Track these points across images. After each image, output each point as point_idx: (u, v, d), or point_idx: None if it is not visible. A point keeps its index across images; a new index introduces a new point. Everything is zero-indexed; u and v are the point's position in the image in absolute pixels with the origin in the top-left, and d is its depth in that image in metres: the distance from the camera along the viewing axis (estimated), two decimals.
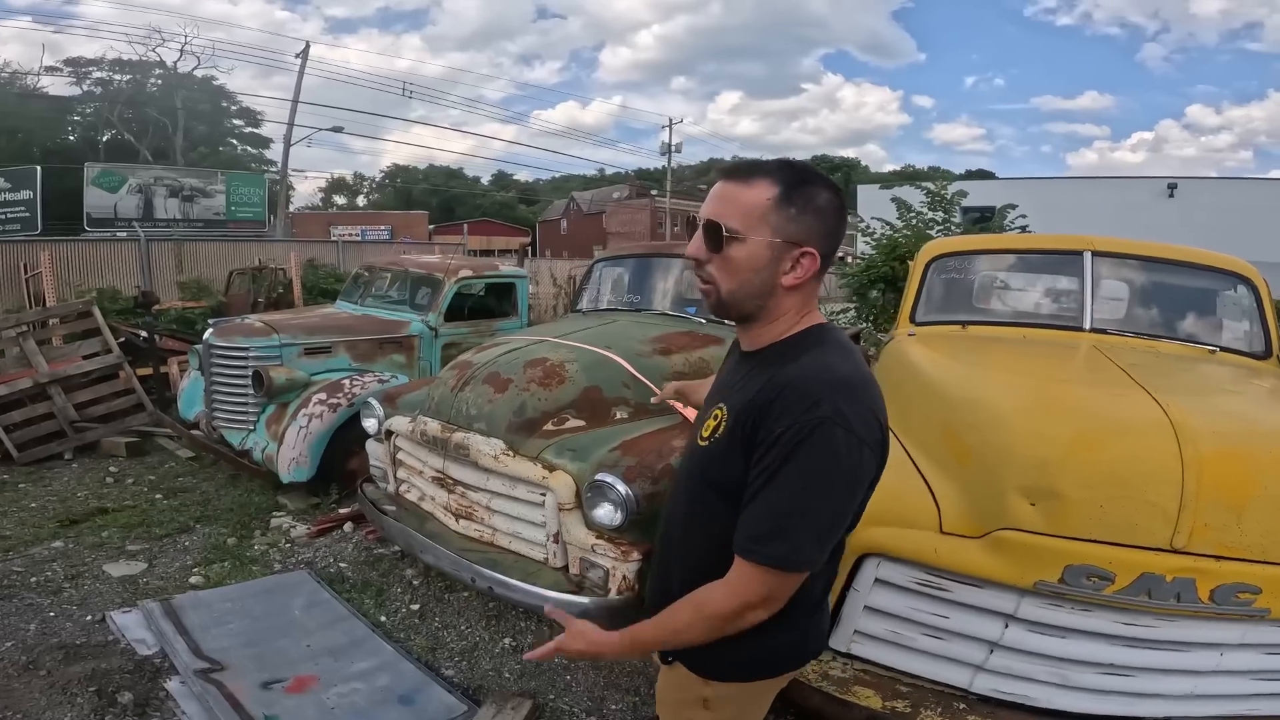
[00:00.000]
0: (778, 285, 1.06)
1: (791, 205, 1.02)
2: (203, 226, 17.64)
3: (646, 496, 2.21)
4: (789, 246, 1.03)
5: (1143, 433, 1.65)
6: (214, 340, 4.44)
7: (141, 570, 3.32)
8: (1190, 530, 1.53)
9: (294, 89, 20.61)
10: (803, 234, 1.03)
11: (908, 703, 1.72)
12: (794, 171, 1.05)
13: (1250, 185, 24.44)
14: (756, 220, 1.02)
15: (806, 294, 1.09)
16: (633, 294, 4.16)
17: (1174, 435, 1.60)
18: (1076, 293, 2.99)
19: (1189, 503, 1.53)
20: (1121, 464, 1.59)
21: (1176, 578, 1.51)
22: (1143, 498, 1.55)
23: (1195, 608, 1.52)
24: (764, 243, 1.03)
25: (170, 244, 9.89)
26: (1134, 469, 1.58)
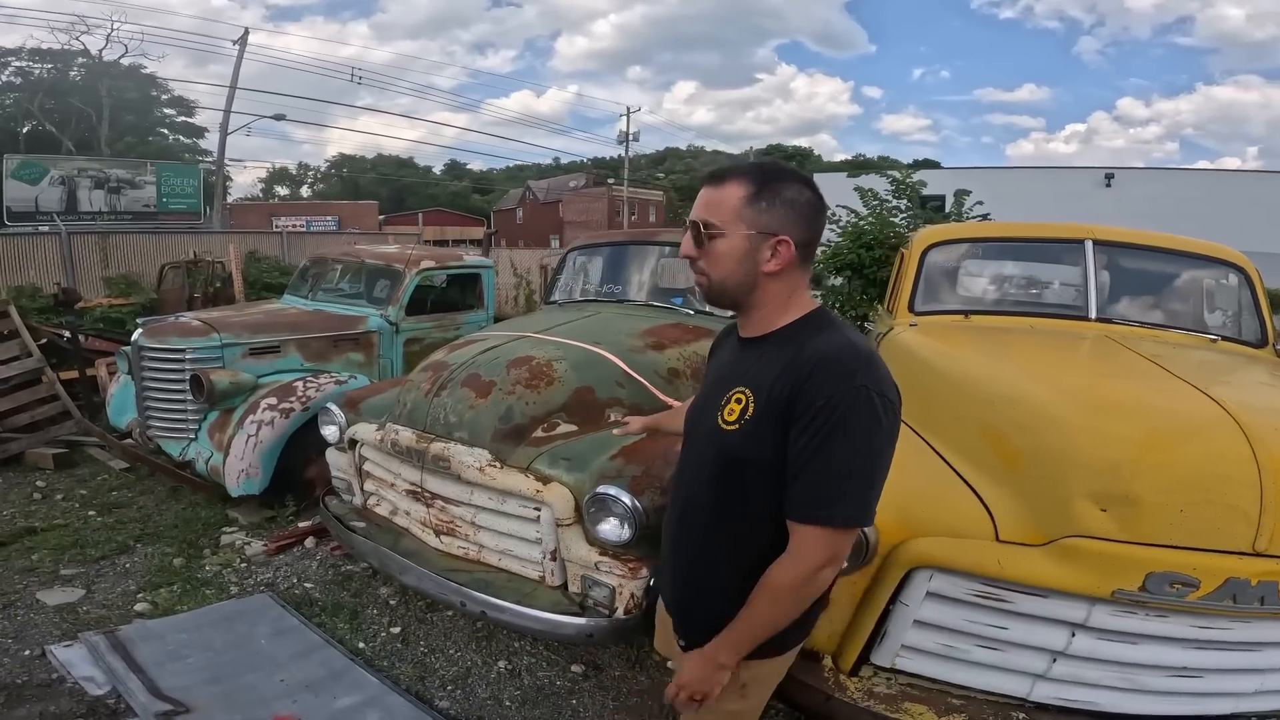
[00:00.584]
0: (760, 273, 1.16)
1: (761, 199, 1.14)
2: (131, 219, 16.53)
3: (656, 509, 1.99)
4: (764, 237, 1.14)
5: (1212, 434, 1.55)
6: (144, 341, 3.99)
7: (80, 597, 2.95)
8: (1271, 533, 1.44)
9: (231, 76, 19.40)
10: (776, 224, 1.14)
11: (965, 716, 1.63)
12: (762, 170, 1.17)
13: (1181, 175, 25.72)
14: (733, 216, 1.14)
15: (791, 280, 1.18)
16: (611, 284, 3.91)
17: (1243, 435, 1.51)
18: (1080, 282, 2.92)
19: (1269, 505, 1.44)
20: (1199, 467, 1.50)
21: (1261, 581, 1.42)
22: (1223, 501, 1.46)
23: (1276, 609, 1.43)
24: (741, 235, 1.14)
25: (95, 237, 9.08)
26: (1212, 472, 1.49)
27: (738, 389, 1.17)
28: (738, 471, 1.15)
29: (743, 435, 1.13)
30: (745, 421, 1.13)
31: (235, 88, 19.07)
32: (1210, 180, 23.96)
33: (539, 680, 2.45)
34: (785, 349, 1.14)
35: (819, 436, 1.04)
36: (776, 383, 1.10)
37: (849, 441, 1.04)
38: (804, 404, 1.06)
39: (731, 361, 1.27)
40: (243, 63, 19.21)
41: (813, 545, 1.08)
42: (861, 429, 1.04)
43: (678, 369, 2.80)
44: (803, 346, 1.11)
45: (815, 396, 1.05)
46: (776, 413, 1.09)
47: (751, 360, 1.19)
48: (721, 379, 1.25)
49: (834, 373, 1.06)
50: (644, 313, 3.40)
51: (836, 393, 1.04)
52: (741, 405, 1.14)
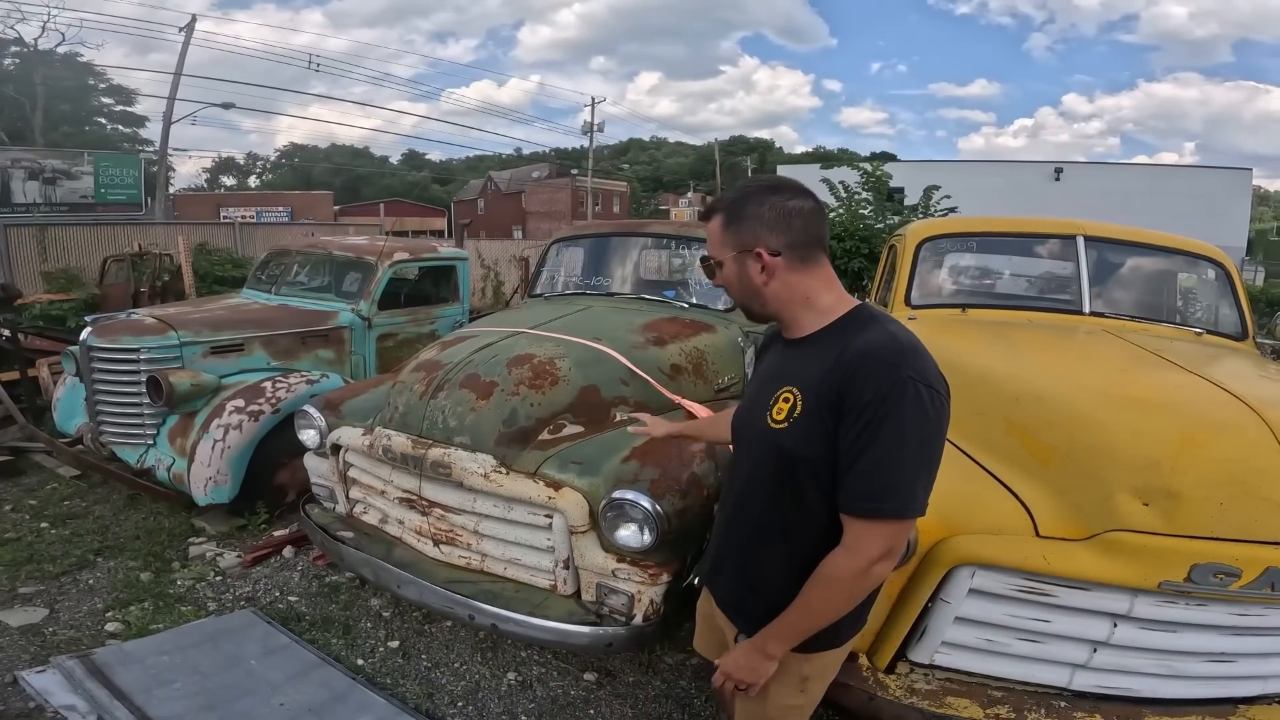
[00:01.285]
0: (757, 286, 1.22)
1: (732, 223, 1.23)
2: (67, 211, 15.61)
3: (677, 512, 1.91)
4: (745, 254, 1.21)
5: (1242, 428, 1.58)
6: (95, 341, 3.70)
7: (43, 617, 2.73)
8: None
9: (177, 63, 18.37)
10: (748, 239, 1.21)
11: (1009, 708, 1.63)
12: (734, 197, 1.25)
13: (1125, 170, 26.84)
14: (720, 245, 1.25)
15: (794, 282, 1.21)
16: (599, 276, 3.79)
17: (1269, 429, 1.55)
18: (1073, 277, 2.95)
19: None
20: (1235, 461, 1.52)
21: None
22: (1259, 494, 1.50)
23: None
24: (730, 258, 1.23)
25: (32, 230, 8.48)
26: (1247, 466, 1.51)
27: (785, 388, 1.20)
28: (790, 468, 1.17)
29: (792, 432, 1.15)
30: (794, 419, 1.15)
31: (180, 75, 18.09)
32: (1152, 174, 25.09)
33: (552, 691, 2.35)
34: (830, 347, 1.16)
35: (869, 430, 1.06)
36: (824, 380, 1.12)
37: (898, 433, 1.05)
38: (852, 399, 1.08)
39: (778, 363, 1.30)
40: (189, 50, 18.23)
41: (868, 538, 1.09)
42: (909, 420, 1.05)
43: (680, 365, 2.72)
44: (850, 341, 1.14)
45: (863, 390, 1.07)
46: (825, 409, 1.11)
47: (796, 360, 1.23)
48: (769, 379, 1.28)
49: (879, 366, 1.07)
50: (637, 306, 3.31)
51: (883, 385, 1.06)
52: (790, 404, 1.17)
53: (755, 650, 1.22)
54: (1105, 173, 25.18)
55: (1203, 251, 3.09)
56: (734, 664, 1.24)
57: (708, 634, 1.56)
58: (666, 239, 3.89)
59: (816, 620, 1.18)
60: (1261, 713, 1.63)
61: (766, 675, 1.23)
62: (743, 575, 1.31)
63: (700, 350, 2.86)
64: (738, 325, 3.21)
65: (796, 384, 1.17)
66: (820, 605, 1.15)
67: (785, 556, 1.22)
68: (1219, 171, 23.80)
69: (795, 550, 1.20)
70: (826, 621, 1.18)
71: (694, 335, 2.94)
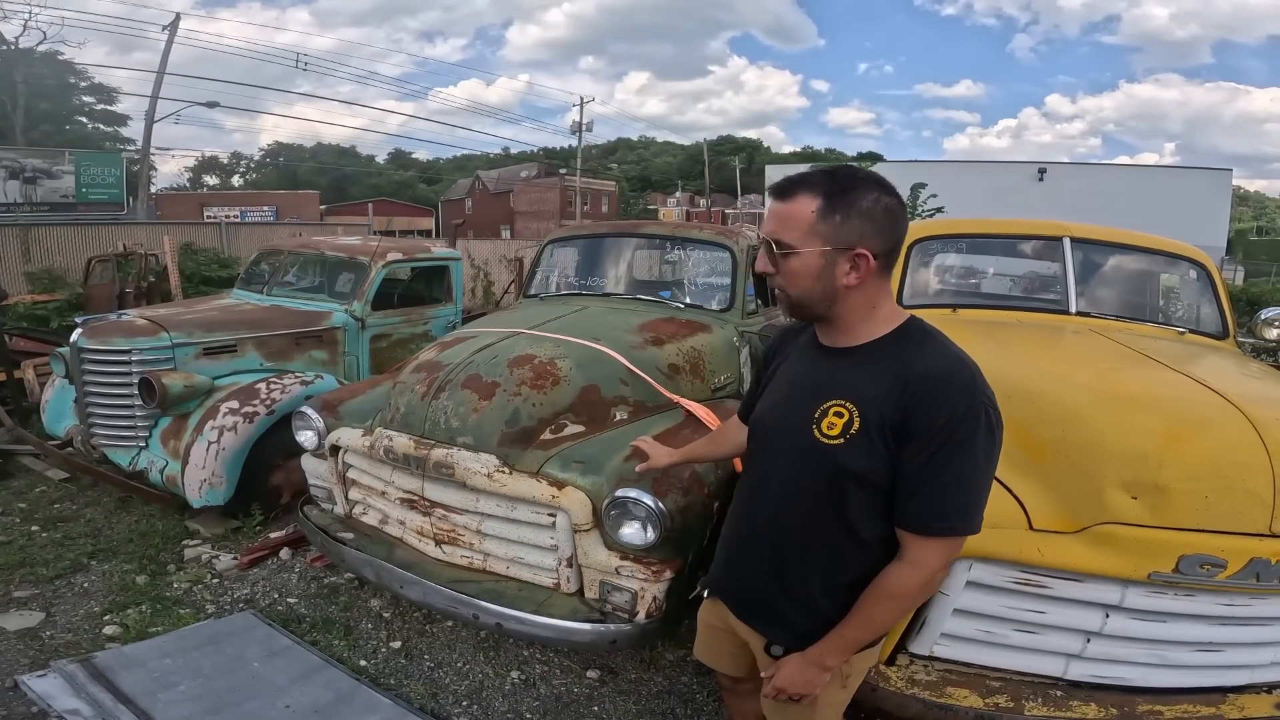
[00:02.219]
0: (839, 288, 1.13)
1: (835, 213, 1.10)
2: (48, 210, 15.38)
3: (679, 510, 1.94)
4: (841, 251, 1.11)
5: (1225, 424, 1.63)
6: (85, 342, 3.67)
7: (40, 621, 2.71)
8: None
9: (160, 61, 18.12)
10: (853, 238, 1.10)
11: (1007, 697, 1.67)
12: (834, 180, 1.12)
13: (1107, 170, 27.27)
14: (806, 233, 1.11)
15: (873, 291, 1.16)
16: (595, 277, 3.81)
17: (1251, 425, 1.60)
18: (1059, 277, 3.01)
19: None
20: (1219, 456, 1.57)
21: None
22: (1242, 487, 1.55)
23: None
24: (816, 252, 1.11)
25: (14, 230, 8.34)
26: (1230, 460, 1.56)
27: (835, 402, 1.16)
28: (841, 484, 1.16)
29: (850, 450, 1.13)
30: (851, 436, 1.13)
31: (164, 73, 17.86)
32: (1133, 175, 25.47)
33: (556, 689, 2.38)
34: (884, 362, 1.14)
35: (942, 453, 1.07)
36: (885, 399, 1.10)
37: (970, 457, 1.07)
38: (923, 422, 1.07)
39: (815, 370, 1.24)
40: (173, 49, 18.00)
41: (934, 554, 1.12)
42: (982, 445, 1.07)
43: (678, 364, 2.75)
44: (908, 362, 1.12)
45: (936, 414, 1.06)
46: (888, 429, 1.10)
47: (844, 371, 1.18)
48: (806, 387, 1.23)
49: (952, 390, 1.08)
50: (633, 306, 3.33)
51: (957, 411, 1.06)
52: (844, 419, 1.14)
53: (812, 664, 1.22)
54: (1088, 173, 25.52)
55: (1184, 252, 3.16)
56: (789, 679, 1.24)
57: (714, 642, 1.55)
58: (661, 239, 3.91)
59: (876, 632, 1.23)
60: (1251, 701, 1.67)
61: (821, 686, 1.24)
62: (780, 587, 1.29)
63: (697, 350, 2.89)
64: (733, 325, 3.24)
65: (850, 399, 1.14)
66: (882, 618, 1.19)
67: (830, 569, 1.22)
68: (1199, 172, 24.21)
69: (840, 562, 1.21)
70: (883, 632, 1.23)
71: (690, 335, 2.97)
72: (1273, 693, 1.70)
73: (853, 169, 1.18)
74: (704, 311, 3.31)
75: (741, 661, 1.54)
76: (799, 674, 1.23)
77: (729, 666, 1.60)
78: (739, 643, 1.48)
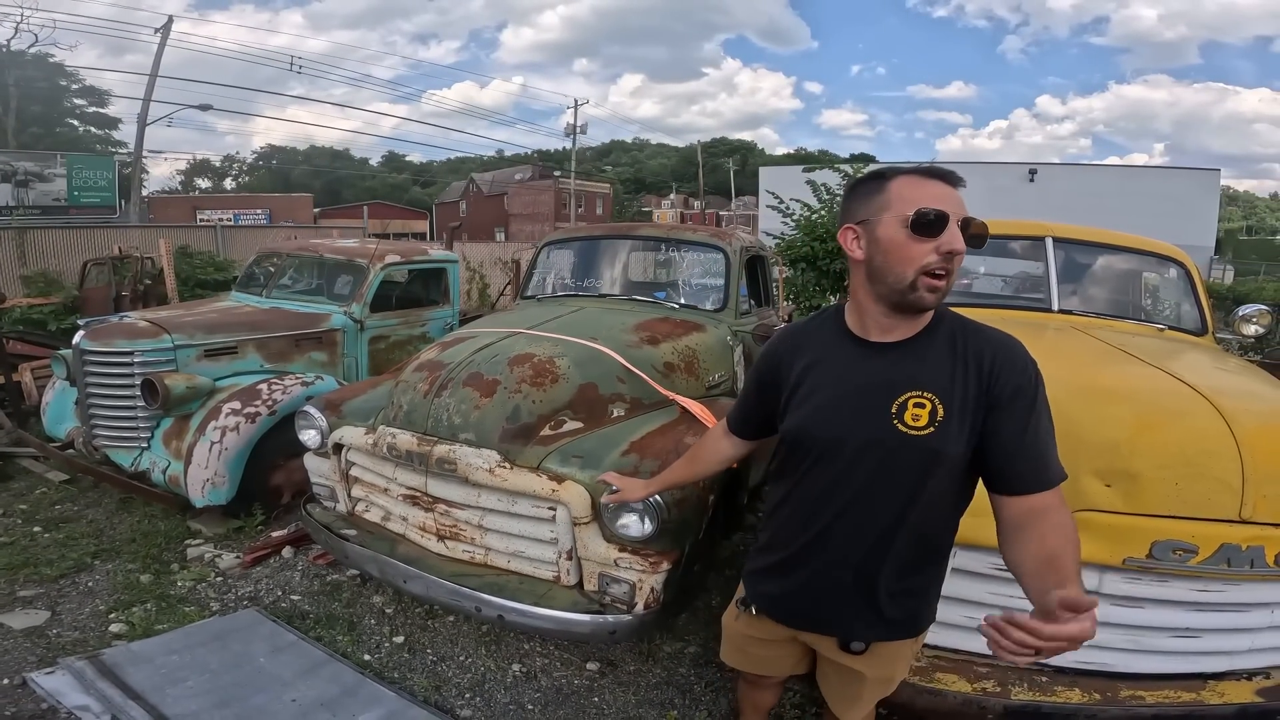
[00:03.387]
0: None
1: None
2: (40, 213, 15.33)
3: (676, 503, 2.00)
4: None
5: (1195, 414, 1.70)
6: (88, 344, 3.71)
7: (46, 620, 2.74)
8: (1254, 502, 1.59)
9: (152, 64, 18.08)
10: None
11: (994, 682, 1.73)
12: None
13: (1097, 171, 27.47)
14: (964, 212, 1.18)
15: None
16: (591, 278, 3.88)
17: (1220, 415, 1.67)
18: (1042, 276, 3.09)
19: (1249, 477, 1.59)
20: (1188, 444, 1.64)
21: (1250, 545, 1.57)
22: (1211, 475, 1.61)
23: (1265, 572, 1.59)
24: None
25: (10, 233, 8.35)
26: (1199, 448, 1.63)
27: (913, 394, 1.19)
28: (939, 469, 1.20)
29: (942, 435, 1.18)
30: (940, 423, 1.18)
31: (156, 76, 17.83)
32: (1123, 175, 25.64)
33: (556, 681, 2.43)
34: (942, 349, 1.22)
35: (1030, 414, 1.17)
36: (959, 380, 1.19)
37: (1046, 416, 1.20)
38: (1005, 391, 1.17)
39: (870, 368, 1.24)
40: (165, 51, 17.98)
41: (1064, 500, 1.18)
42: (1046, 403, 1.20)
43: (673, 363, 2.81)
44: (968, 344, 1.21)
45: (1013, 380, 1.17)
46: (969, 406, 1.18)
47: (907, 363, 1.22)
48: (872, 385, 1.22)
49: (1016, 358, 1.19)
50: (629, 307, 3.39)
51: (1026, 375, 1.18)
52: (927, 408, 1.18)
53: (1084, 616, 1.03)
54: (1078, 174, 25.71)
55: (1165, 252, 3.25)
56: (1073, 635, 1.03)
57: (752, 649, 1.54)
58: (655, 241, 3.98)
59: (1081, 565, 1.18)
60: (1231, 688, 1.72)
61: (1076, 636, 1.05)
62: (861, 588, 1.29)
63: (692, 349, 2.95)
64: (726, 325, 3.32)
65: (929, 389, 1.18)
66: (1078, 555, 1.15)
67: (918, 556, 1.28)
68: (1188, 172, 24.40)
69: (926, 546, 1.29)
70: None
71: (685, 335, 3.04)
72: (1253, 679, 1.75)
73: None
74: (698, 311, 3.38)
75: (781, 664, 1.55)
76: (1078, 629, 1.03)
77: (763, 669, 1.61)
78: (784, 649, 1.50)
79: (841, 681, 1.47)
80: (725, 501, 2.69)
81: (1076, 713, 1.67)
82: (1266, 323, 3.18)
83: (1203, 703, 1.69)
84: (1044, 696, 1.71)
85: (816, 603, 1.36)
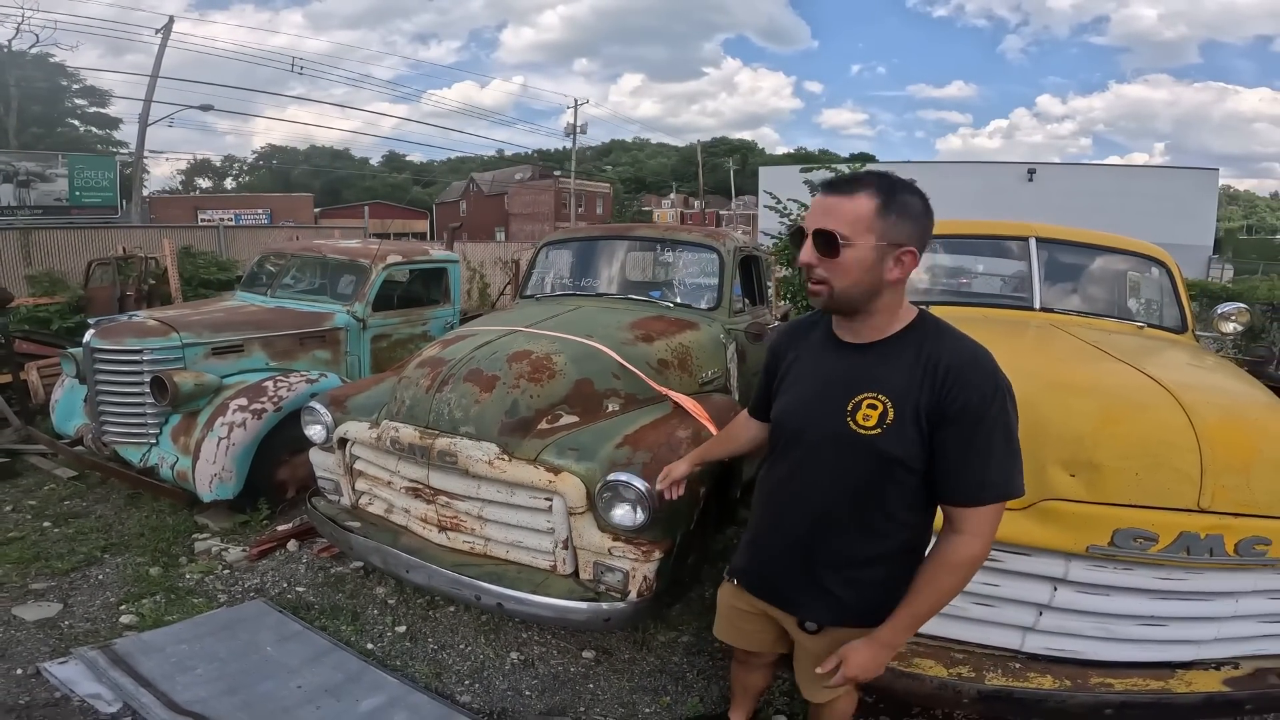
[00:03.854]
0: (884, 281, 1.23)
1: (891, 212, 1.21)
2: (41, 214, 15.40)
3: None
4: (892, 248, 1.22)
5: (1157, 407, 1.77)
6: (98, 343, 3.80)
7: (58, 612, 2.83)
8: (1212, 492, 1.66)
9: (153, 65, 18.16)
10: (903, 236, 1.22)
11: (969, 668, 1.79)
12: (889, 183, 1.23)
13: (1096, 170, 27.49)
14: (864, 227, 1.20)
15: (902, 288, 1.28)
16: (588, 278, 3.96)
17: (1181, 408, 1.74)
18: (1025, 275, 3.17)
19: (1208, 468, 1.66)
20: (1148, 436, 1.71)
21: (1209, 534, 1.64)
22: (1170, 465, 1.68)
23: (1223, 560, 1.65)
24: (870, 246, 1.21)
25: (15, 233, 8.44)
26: (1159, 440, 1.70)
27: (867, 395, 1.26)
28: (881, 469, 1.27)
29: (889, 437, 1.24)
30: (889, 425, 1.24)
31: (157, 76, 17.91)
32: (1121, 175, 25.68)
33: (553, 668, 2.52)
34: (906, 354, 1.26)
35: (980, 430, 1.20)
36: (917, 389, 1.22)
37: (1005, 429, 1.21)
38: (956, 405, 1.20)
39: (839, 367, 1.33)
40: (166, 52, 18.06)
41: (989, 522, 1.23)
42: (1008, 421, 1.22)
43: (667, 360, 2.90)
44: (931, 353, 1.24)
45: (969, 397, 1.20)
46: (923, 416, 1.22)
47: (871, 366, 1.28)
48: (833, 383, 1.32)
49: (978, 375, 1.22)
50: (625, 306, 3.48)
51: (986, 392, 1.21)
52: (879, 410, 1.25)
53: (884, 647, 1.30)
54: (1077, 173, 25.73)
55: (1146, 251, 3.33)
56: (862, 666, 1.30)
57: (737, 622, 1.66)
58: (651, 241, 4.07)
59: (941, 605, 1.28)
60: (1198, 677, 1.76)
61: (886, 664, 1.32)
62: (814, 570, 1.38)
63: (685, 346, 3.04)
64: (719, 323, 3.40)
65: (884, 392, 1.24)
66: (949, 590, 1.26)
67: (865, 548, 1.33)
68: (1187, 172, 24.42)
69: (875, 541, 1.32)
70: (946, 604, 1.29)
71: (679, 333, 3.12)
72: (1221, 669, 1.79)
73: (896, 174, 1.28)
74: (692, 310, 3.47)
75: (762, 639, 1.66)
76: (871, 659, 1.30)
77: (748, 643, 1.72)
78: (762, 623, 1.60)
79: (802, 661, 1.54)
80: (718, 495, 2.77)
81: (1047, 698, 1.73)
82: (1245, 321, 3.26)
83: (1170, 691, 1.72)
84: (1017, 682, 1.76)
85: (776, 579, 1.48)
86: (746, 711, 2.05)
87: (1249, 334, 8.31)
